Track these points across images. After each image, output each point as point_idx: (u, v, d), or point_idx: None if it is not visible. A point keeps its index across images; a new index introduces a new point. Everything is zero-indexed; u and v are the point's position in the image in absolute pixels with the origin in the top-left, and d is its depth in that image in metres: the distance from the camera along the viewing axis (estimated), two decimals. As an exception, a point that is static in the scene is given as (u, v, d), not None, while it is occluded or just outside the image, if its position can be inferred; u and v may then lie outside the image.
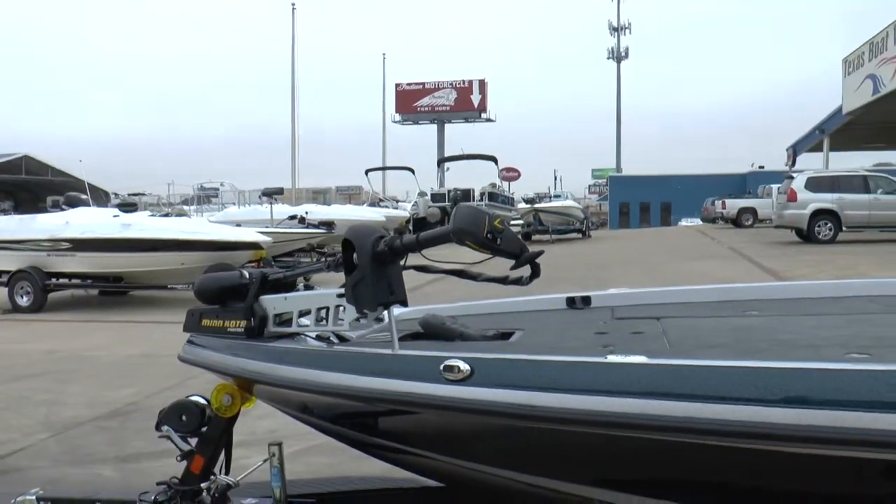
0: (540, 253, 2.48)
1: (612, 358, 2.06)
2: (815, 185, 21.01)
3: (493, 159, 31.07)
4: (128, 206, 14.52)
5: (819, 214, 20.71)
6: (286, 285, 2.99)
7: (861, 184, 21.06)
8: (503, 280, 2.62)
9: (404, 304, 2.61)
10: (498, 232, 2.31)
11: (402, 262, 2.58)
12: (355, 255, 2.54)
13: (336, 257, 2.66)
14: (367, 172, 33.51)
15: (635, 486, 2.28)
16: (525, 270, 2.50)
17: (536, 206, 29.61)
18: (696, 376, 1.91)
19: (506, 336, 2.89)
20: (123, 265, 12.95)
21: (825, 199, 20.68)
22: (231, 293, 2.97)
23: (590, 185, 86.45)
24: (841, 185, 21.00)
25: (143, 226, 13.20)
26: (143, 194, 31.50)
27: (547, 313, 3.50)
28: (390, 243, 2.48)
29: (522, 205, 30.81)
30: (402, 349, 2.41)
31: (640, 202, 60.73)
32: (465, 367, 2.14)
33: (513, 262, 2.42)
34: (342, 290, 2.60)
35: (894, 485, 1.91)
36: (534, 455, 2.35)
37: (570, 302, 3.58)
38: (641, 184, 61.52)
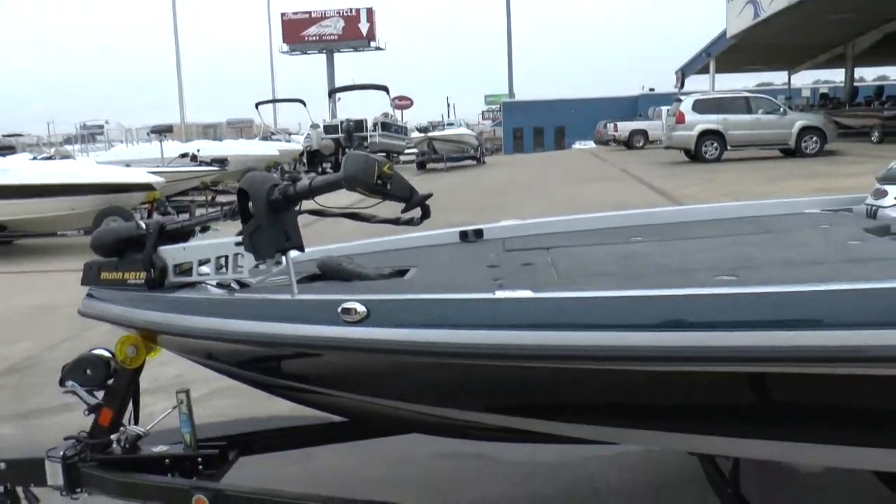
0: (428, 195, 2.56)
1: (499, 294, 2.20)
2: (701, 107, 21.81)
3: (385, 88, 30.82)
4: (4, 150, 13.82)
5: (706, 135, 21.55)
6: (184, 235, 2.99)
7: (744, 105, 21.97)
8: (396, 221, 2.71)
9: (300, 249, 2.67)
10: (387, 178, 2.38)
11: (296, 209, 2.63)
12: (251, 204, 2.57)
13: (232, 206, 2.69)
14: (257, 106, 32.76)
15: (524, 410, 2.45)
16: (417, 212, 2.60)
17: (430, 134, 29.65)
18: (575, 308, 2.08)
19: (401, 273, 2.98)
20: (5, 213, 12.34)
21: (711, 120, 21.50)
22: (128, 245, 2.95)
23: (483, 112, 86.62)
24: (725, 106, 21.88)
25: (23, 170, 12.62)
26: (19, 135, 30.06)
27: (441, 248, 3.60)
28: (284, 191, 2.52)
29: (416, 134, 30.80)
30: (301, 293, 2.48)
31: (533, 127, 61.32)
32: (361, 308, 2.23)
33: (403, 205, 2.51)
34: (240, 239, 2.64)
35: (757, 394, 2.15)
36: (429, 387, 2.48)
37: (463, 235, 3.68)
38: (534, 109, 62.02)
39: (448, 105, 71.63)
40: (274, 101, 36.96)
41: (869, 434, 2.22)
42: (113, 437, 3.02)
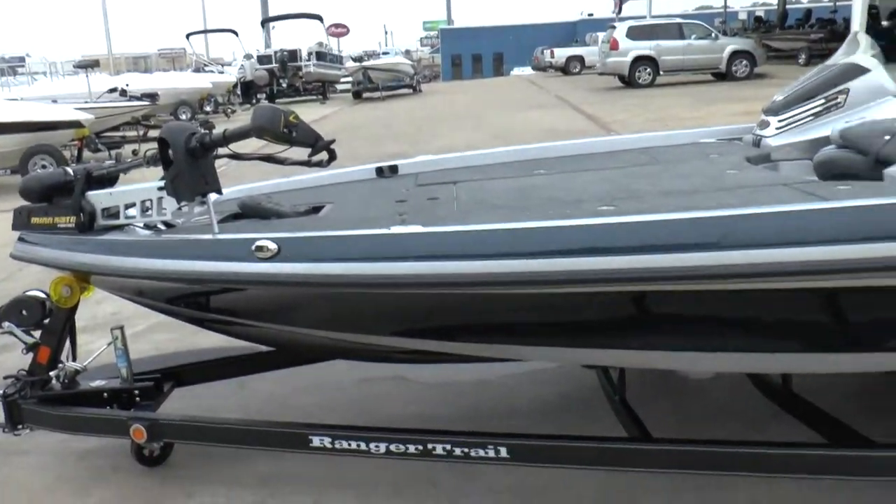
0: (332, 141, 2.79)
1: (394, 229, 2.45)
2: (635, 33, 22.04)
3: (318, 17, 30.26)
4: None
5: (639, 61, 21.85)
6: (110, 180, 3.14)
7: (676, 31, 22.26)
8: (307, 163, 2.92)
9: (218, 192, 2.88)
10: (293, 126, 2.61)
11: (213, 154, 2.82)
12: (170, 152, 2.75)
13: (154, 153, 2.86)
14: (188, 36, 31.95)
15: (428, 333, 2.74)
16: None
17: (365, 64, 29.34)
18: (459, 240, 2.35)
19: (317, 210, 3.20)
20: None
21: (644, 47, 21.76)
22: (57, 191, 3.09)
23: (422, 38, 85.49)
24: (658, 32, 22.17)
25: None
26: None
27: (357, 184, 3.80)
28: (201, 139, 2.73)
29: (351, 63, 30.41)
30: (222, 232, 2.70)
31: (472, 54, 60.84)
32: (272, 246, 2.47)
33: (309, 150, 2.74)
34: (162, 184, 2.82)
35: (633, 311, 2.47)
36: (340, 316, 2.75)
37: (379, 171, 3.89)
38: (473, 35, 61.44)
39: (385, 33, 70.57)
40: (206, 31, 36.00)
41: (736, 340, 2.54)
42: (52, 374, 3.19)
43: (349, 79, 30.85)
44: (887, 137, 2.98)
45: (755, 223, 2.21)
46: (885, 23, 25.17)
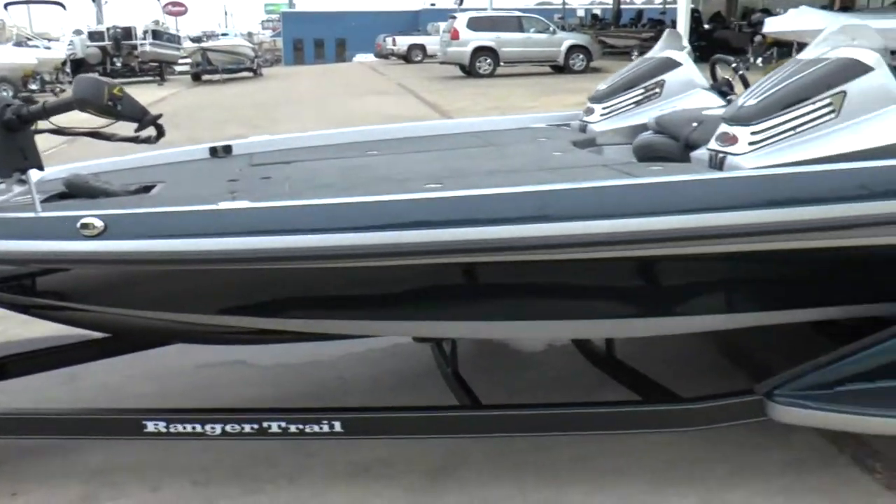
0: (159, 116, 2.73)
1: (222, 204, 2.44)
2: (475, 24, 22.49)
3: (155, -7, 29.17)
4: None
5: (479, 51, 22.30)
6: None
7: (516, 24, 22.92)
8: (135, 139, 2.83)
9: (40, 168, 2.74)
10: (118, 99, 2.52)
11: (33, 129, 2.68)
12: None
13: None
14: (6, 6, 29.84)
15: (255, 310, 2.75)
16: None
17: (203, 45, 28.48)
18: (285, 215, 2.39)
19: (147, 189, 3.11)
20: None
21: (485, 38, 22.22)
22: None
23: (263, 21, 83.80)
24: (498, 24, 22.74)
25: None
26: None
27: (190, 164, 3.73)
28: (17, 111, 2.57)
29: (189, 44, 29.41)
30: (46, 211, 2.57)
31: (314, 38, 60.21)
32: (98, 223, 2.39)
33: (136, 124, 2.66)
34: None
35: (455, 282, 2.60)
36: (172, 296, 2.71)
37: (213, 151, 3.83)
38: (315, 20, 60.78)
39: (225, 14, 68.57)
40: (28, 1, 33.72)
41: (560, 309, 2.72)
42: None
43: (188, 60, 29.82)
44: (694, 125, 3.27)
45: (572, 197, 2.39)
46: (706, 25, 26.91)
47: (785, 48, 17.99)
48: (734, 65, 4.10)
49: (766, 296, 2.86)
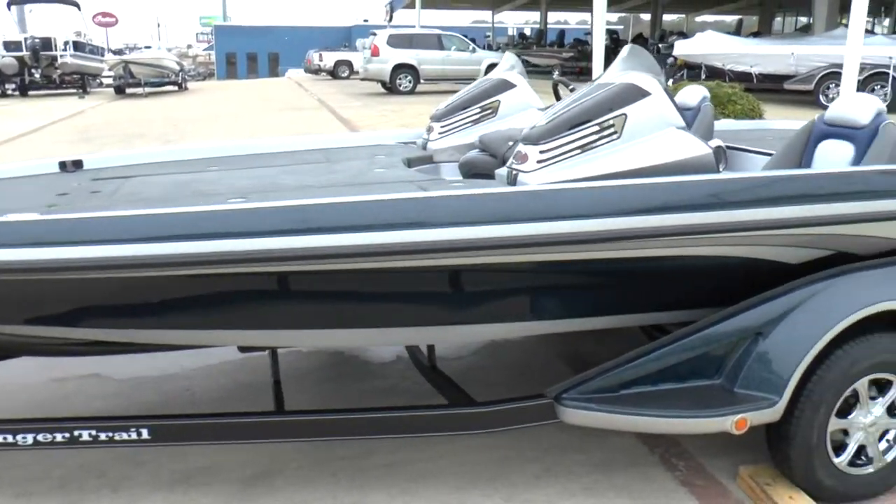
0: None
1: (9, 216, 2.51)
2: (395, 41, 22.62)
3: (75, 4, 28.63)
4: None
5: (400, 68, 22.43)
6: None
7: (436, 41, 23.13)
8: None
9: None
10: None
11: None
12: None
13: None
14: (8, 6, 29.03)
15: (55, 320, 2.80)
16: None
17: (125, 57, 27.98)
18: (73, 226, 2.47)
19: None
20: None
21: (405, 55, 22.39)
22: None
23: (198, 34, 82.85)
24: (418, 42, 22.92)
25: None
26: None
27: (34, 178, 3.77)
28: None
29: (110, 56, 28.91)
30: None
31: (247, 52, 59.75)
32: None
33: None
34: None
35: (258, 291, 2.71)
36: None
37: (63, 166, 3.88)
38: (248, 34, 60.33)
39: (158, 26, 67.75)
40: (34, 0, 32.66)
41: (367, 316, 2.85)
42: None
43: (111, 73, 29.30)
44: (510, 143, 3.44)
45: (334, 211, 2.54)
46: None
47: (695, 70, 18.56)
48: (571, 87, 4.30)
49: (559, 304, 3.03)
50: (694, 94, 4.59)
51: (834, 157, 3.61)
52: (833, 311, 2.86)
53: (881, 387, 3.02)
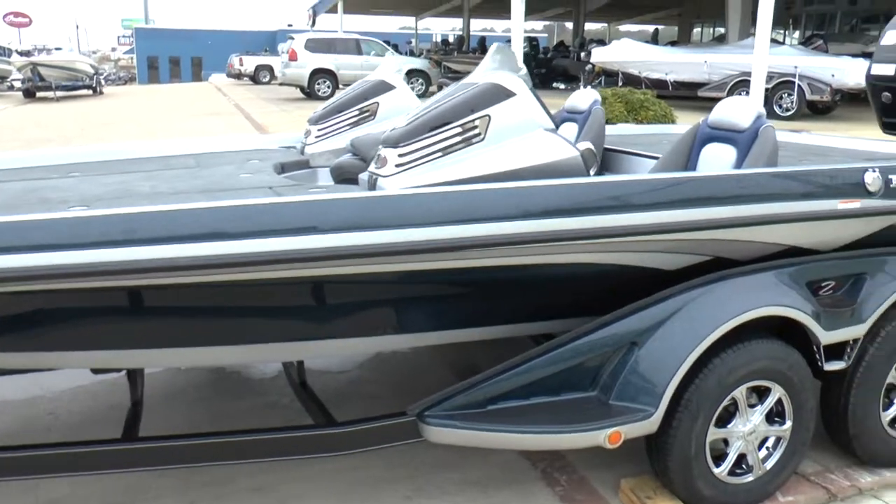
0: None
1: None
2: (314, 45, 22.32)
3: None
4: None
5: (318, 73, 22.12)
6: None
7: (355, 46, 22.90)
8: None
9: None
10: None
11: None
12: None
13: None
14: None
15: None
16: None
17: (34, 59, 26.96)
18: None
19: None
20: None
21: (324, 60, 22.09)
22: None
23: (119, 37, 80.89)
24: (337, 46, 22.66)
25: None
26: None
27: None
28: None
29: (16, 57, 27.86)
30: None
31: (169, 56, 58.51)
32: None
33: None
34: None
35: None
36: None
37: None
38: (170, 37, 59.05)
39: (76, 28, 65.88)
40: None
41: (231, 333, 2.63)
42: None
43: (19, 76, 28.23)
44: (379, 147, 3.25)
45: (157, 219, 2.31)
46: (547, 54, 27.81)
47: (612, 76, 18.73)
48: None
49: (429, 315, 2.87)
50: (585, 97, 4.51)
51: (717, 159, 3.55)
52: (709, 318, 2.76)
53: (761, 394, 2.95)
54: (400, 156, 2.78)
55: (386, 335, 2.88)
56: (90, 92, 28.66)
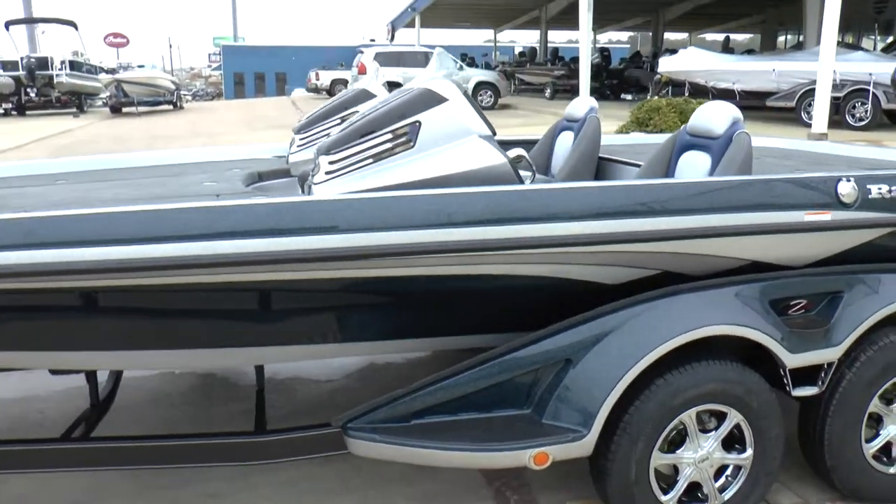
0: None
1: None
2: (382, 59, 22.44)
3: (73, 24, 28.72)
4: None
5: (387, 85, 22.22)
6: None
7: (423, 59, 22.92)
8: None
9: None
10: None
11: None
12: None
13: None
14: (7, 26, 29.22)
15: None
16: None
17: (118, 76, 27.92)
18: None
19: None
20: None
21: (392, 73, 22.22)
22: None
23: (210, 55, 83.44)
24: (405, 59, 22.73)
25: None
26: None
27: None
28: None
29: (104, 76, 28.90)
30: None
31: (255, 72, 60.04)
32: None
33: None
34: None
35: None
36: None
37: None
38: (256, 54, 60.63)
39: (170, 46, 68.18)
40: (32, 20, 32.75)
41: (174, 337, 2.66)
42: None
43: (106, 93, 29.29)
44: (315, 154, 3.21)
45: (78, 222, 2.34)
46: (619, 64, 27.41)
47: (680, 87, 18.30)
48: None
49: (359, 325, 2.82)
50: (582, 105, 4.40)
51: (693, 167, 3.39)
52: (649, 336, 2.62)
53: (722, 419, 2.78)
54: (331, 163, 2.73)
55: (316, 344, 2.84)
56: (171, 107, 29.53)
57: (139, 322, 2.66)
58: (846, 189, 2.94)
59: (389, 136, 2.73)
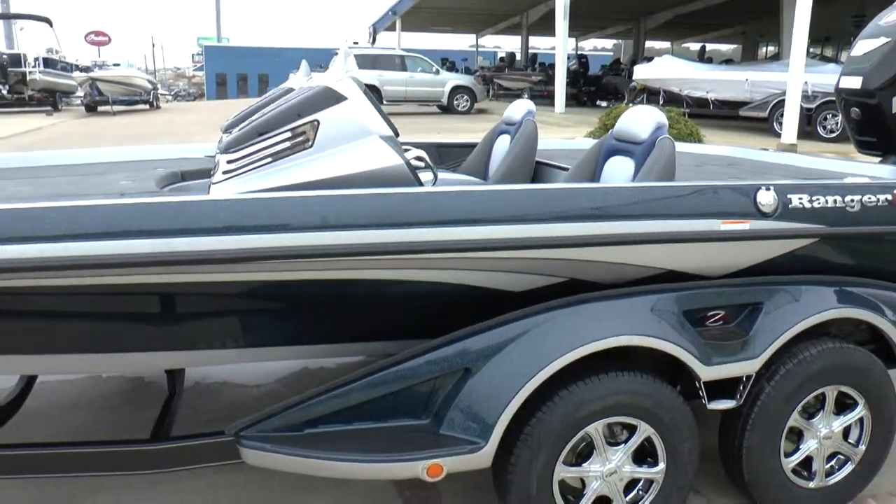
0: None
1: None
2: (359, 62, 22.27)
3: (47, 21, 28.41)
4: None
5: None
6: None
7: (399, 63, 22.85)
8: None
9: None
10: None
11: None
12: None
13: None
14: None
15: None
16: None
17: (92, 74, 27.67)
18: None
19: None
20: None
21: (368, 76, 22.10)
22: None
23: (194, 55, 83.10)
24: (381, 63, 22.61)
25: None
26: None
27: None
28: None
29: (78, 73, 28.65)
30: None
31: (237, 73, 59.84)
32: None
33: None
34: None
35: None
36: None
37: None
38: (238, 54, 60.42)
39: (153, 46, 67.88)
40: (9, 16, 32.40)
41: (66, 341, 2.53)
42: None
43: (81, 93, 29.01)
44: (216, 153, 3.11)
45: None
46: (598, 72, 27.41)
47: (655, 94, 18.31)
48: None
49: (257, 330, 2.72)
50: (520, 108, 4.34)
51: (617, 172, 3.33)
52: (550, 347, 2.53)
53: (632, 432, 2.70)
54: (228, 162, 2.64)
55: (214, 350, 2.74)
56: (147, 106, 29.27)
57: (31, 324, 2.55)
58: (766, 198, 2.87)
59: (289, 134, 2.64)
